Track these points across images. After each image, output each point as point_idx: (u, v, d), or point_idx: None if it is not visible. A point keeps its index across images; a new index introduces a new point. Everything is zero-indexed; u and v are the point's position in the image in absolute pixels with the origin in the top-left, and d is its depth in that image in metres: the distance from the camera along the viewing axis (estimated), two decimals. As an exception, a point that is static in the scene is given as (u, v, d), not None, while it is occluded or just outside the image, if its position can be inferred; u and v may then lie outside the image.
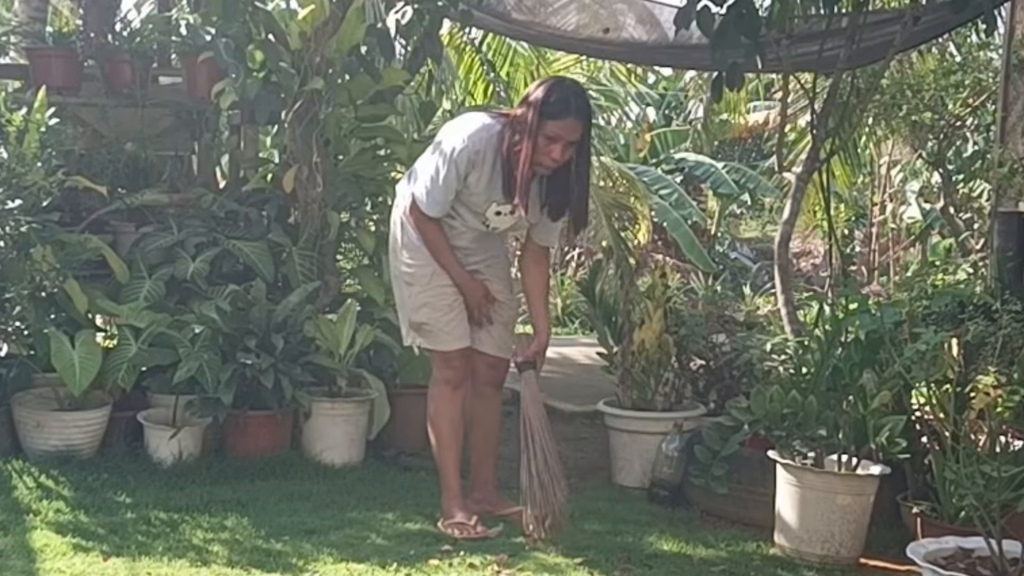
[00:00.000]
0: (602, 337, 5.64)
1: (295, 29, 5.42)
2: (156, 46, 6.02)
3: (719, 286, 11.78)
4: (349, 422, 5.27)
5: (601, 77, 13.24)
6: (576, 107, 4.10)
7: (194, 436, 5.05)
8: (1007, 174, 5.72)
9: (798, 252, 14.48)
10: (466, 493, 4.47)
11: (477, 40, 11.93)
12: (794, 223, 6.06)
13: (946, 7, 5.24)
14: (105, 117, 5.96)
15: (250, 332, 5.15)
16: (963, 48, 8.74)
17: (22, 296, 4.89)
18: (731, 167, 14.52)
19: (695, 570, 4.02)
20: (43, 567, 3.74)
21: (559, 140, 4.07)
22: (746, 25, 4.81)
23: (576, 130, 4.10)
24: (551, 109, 4.09)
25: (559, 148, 4.08)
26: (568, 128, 4.08)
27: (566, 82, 4.32)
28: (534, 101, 4.10)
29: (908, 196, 12.49)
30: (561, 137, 4.08)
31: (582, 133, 4.13)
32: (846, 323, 4.51)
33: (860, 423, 4.24)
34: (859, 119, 7.34)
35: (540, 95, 4.10)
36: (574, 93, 4.17)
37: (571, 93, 4.15)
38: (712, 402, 5.53)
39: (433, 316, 4.37)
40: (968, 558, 3.59)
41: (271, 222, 5.81)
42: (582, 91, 4.29)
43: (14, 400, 5.05)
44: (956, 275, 6.40)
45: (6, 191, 4.81)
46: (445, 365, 4.43)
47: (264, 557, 3.92)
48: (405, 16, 5.80)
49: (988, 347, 4.05)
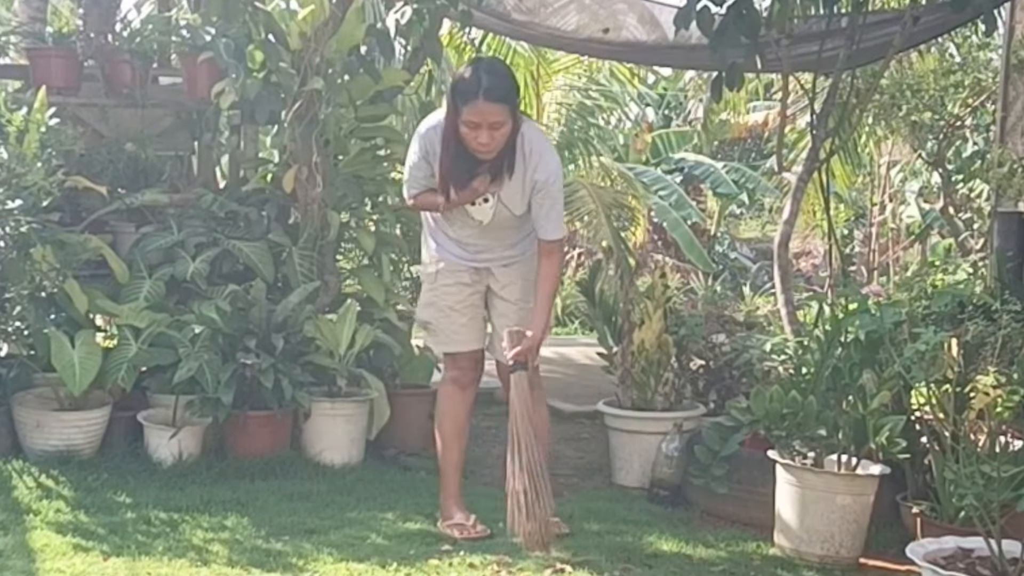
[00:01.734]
0: (602, 337, 5.65)
1: (295, 29, 5.42)
2: (156, 46, 6.01)
3: (719, 286, 11.79)
4: (349, 422, 5.27)
5: (601, 77, 13.23)
6: (487, 88, 3.89)
7: (194, 436, 5.05)
8: (1007, 174, 5.72)
9: (798, 252, 14.46)
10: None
11: (477, 40, 11.94)
12: (794, 223, 6.06)
13: (946, 7, 5.25)
14: (105, 117, 5.96)
15: (250, 332, 5.15)
16: (963, 48, 8.73)
17: (22, 296, 4.89)
18: (731, 167, 14.52)
19: (695, 570, 4.02)
20: (43, 567, 3.74)
21: (478, 125, 3.92)
22: (746, 25, 4.82)
23: (492, 112, 3.90)
24: (461, 94, 3.93)
25: (483, 133, 3.92)
26: (481, 112, 3.90)
27: (483, 62, 4.12)
28: (449, 87, 4.02)
29: (908, 196, 12.48)
30: (477, 122, 3.92)
31: (505, 114, 3.92)
32: (846, 323, 4.51)
33: (860, 423, 4.24)
34: (859, 119, 7.34)
35: (453, 80, 3.98)
36: (488, 72, 3.95)
37: (484, 73, 3.94)
38: (712, 402, 5.53)
39: (435, 316, 4.35)
40: (968, 558, 3.59)
41: (271, 222, 5.81)
42: (501, 69, 4.07)
43: (14, 400, 5.05)
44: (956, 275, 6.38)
45: (6, 191, 4.80)
46: (452, 365, 4.40)
47: (264, 557, 3.92)
48: (405, 16, 5.80)
49: (988, 347, 4.05)
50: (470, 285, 4.32)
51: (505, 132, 3.97)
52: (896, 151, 11.62)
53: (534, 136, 4.13)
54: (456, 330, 4.34)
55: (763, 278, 12.98)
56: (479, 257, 4.28)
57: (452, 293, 4.31)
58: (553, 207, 4.12)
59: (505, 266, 4.29)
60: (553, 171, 4.10)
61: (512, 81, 4.07)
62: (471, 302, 4.32)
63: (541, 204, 4.10)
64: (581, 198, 6.03)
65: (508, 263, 4.30)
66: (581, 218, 6.24)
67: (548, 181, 4.07)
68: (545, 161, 4.08)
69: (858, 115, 6.75)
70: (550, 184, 4.08)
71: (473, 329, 4.35)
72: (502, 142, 3.99)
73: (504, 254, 4.28)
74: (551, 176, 4.08)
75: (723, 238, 15.51)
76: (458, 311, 4.32)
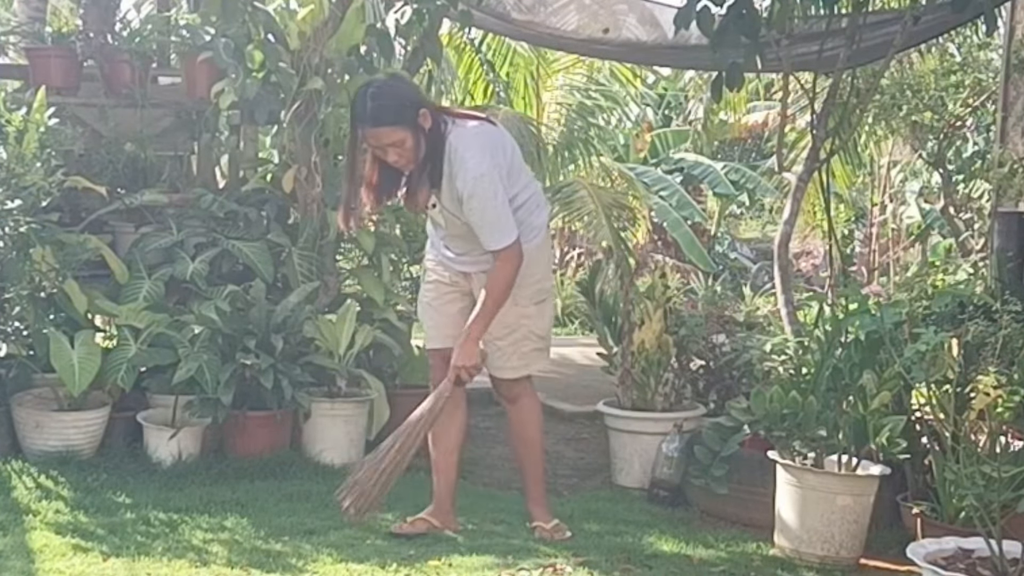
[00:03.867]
0: (602, 337, 5.64)
1: (294, 29, 5.42)
2: (156, 46, 6.02)
3: (719, 286, 11.78)
4: (349, 422, 5.26)
5: (601, 77, 13.23)
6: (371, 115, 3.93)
7: (193, 436, 5.05)
8: (1007, 174, 5.72)
9: (798, 252, 14.46)
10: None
11: (477, 40, 11.93)
12: (794, 223, 6.05)
13: (946, 7, 5.25)
14: (104, 117, 5.96)
15: (249, 332, 5.14)
16: (963, 48, 8.73)
17: (21, 296, 4.88)
18: (730, 167, 14.51)
19: (695, 570, 4.02)
20: (42, 567, 3.74)
21: (378, 147, 3.98)
22: (746, 25, 4.81)
23: (383, 135, 3.93)
24: (353, 120, 4.02)
25: (388, 152, 3.96)
26: (374, 136, 3.96)
27: (372, 85, 4.08)
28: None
29: (908, 196, 12.49)
30: (375, 145, 3.98)
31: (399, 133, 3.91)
32: (846, 323, 4.50)
33: (860, 423, 4.24)
34: (859, 119, 7.32)
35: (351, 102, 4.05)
36: (374, 97, 3.95)
37: (369, 99, 3.95)
38: (712, 402, 5.53)
39: (420, 312, 4.42)
40: (968, 558, 3.59)
41: (270, 222, 5.80)
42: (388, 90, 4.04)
43: (13, 400, 5.05)
44: (956, 275, 6.38)
45: (6, 191, 4.80)
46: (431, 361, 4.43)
47: (263, 557, 3.91)
48: (404, 16, 5.80)
49: (988, 347, 4.04)
50: (449, 285, 4.29)
51: (411, 146, 3.95)
52: (896, 151, 11.63)
53: (458, 143, 3.98)
54: (429, 326, 4.37)
55: (763, 278, 12.98)
56: (462, 260, 4.24)
57: (430, 290, 4.34)
58: (483, 215, 3.96)
59: (484, 272, 4.16)
60: (471, 178, 3.93)
61: (402, 99, 3.99)
62: (446, 300, 4.29)
63: (471, 214, 3.98)
64: (581, 198, 6.03)
65: (487, 270, 4.15)
66: (581, 218, 6.24)
67: (466, 190, 3.93)
68: (465, 168, 3.93)
69: (858, 115, 6.74)
70: (470, 193, 3.93)
71: (442, 327, 4.30)
72: (414, 154, 3.97)
73: (481, 257, 4.15)
74: (468, 184, 3.93)
75: (723, 238, 15.51)
76: (433, 308, 4.33)
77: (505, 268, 3.99)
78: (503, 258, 3.99)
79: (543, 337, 4.32)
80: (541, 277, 4.27)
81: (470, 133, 4.02)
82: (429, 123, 3.96)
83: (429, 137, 3.97)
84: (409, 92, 4.12)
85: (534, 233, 4.15)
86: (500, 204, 3.96)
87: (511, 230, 3.97)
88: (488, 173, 3.94)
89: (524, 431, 4.42)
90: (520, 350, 4.27)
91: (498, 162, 4.00)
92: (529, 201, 4.15)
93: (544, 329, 4.32)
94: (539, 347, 4.32)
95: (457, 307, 4.28)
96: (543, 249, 4.27)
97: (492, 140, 4.05)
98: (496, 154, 4.01)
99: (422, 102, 4.04)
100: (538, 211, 4.21)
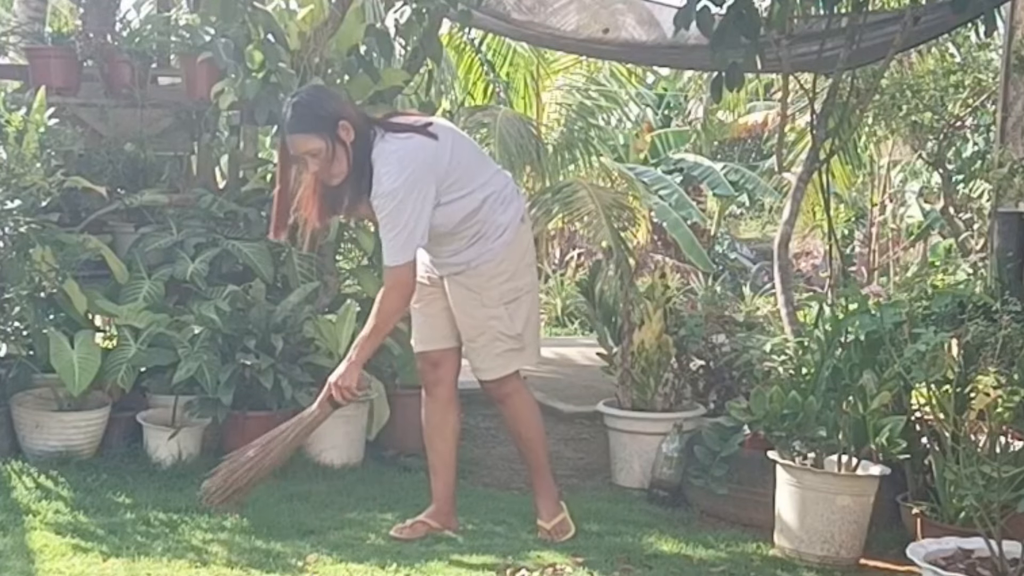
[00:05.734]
0: (602, 337, 5.64)
1: (294, 29, 5.42)
2: (155, 46, 6.01)
3: (719, 286, 11.79)
4: (349, 422, 5.26)
5: (601, 77, 13.24)
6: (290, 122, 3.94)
7: (193, 437, 5.05)
8: (1007, 174, 5.72)
9: (798, 252, 14.47)
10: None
11: (477, 40, 11.95)
12: (794, 223, 6.05)
13: (946, 7, 5.25)
14: (104, 117, 5.96)
15: (249, 333, 5.14)
16: (963, 48, 8.73)
17: (21, 296, 4.88)
18: (730, 168, 14.52)
19: (695, 571, 4.02)
20: (42, 567, 3.74)
21: (298, 156, 3.95)
22: (746, 25, 4.82)
23: (301, 143, 3.92)
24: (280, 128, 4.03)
25: (308, 162, 3.93)
26: (292, 143, 3.95)
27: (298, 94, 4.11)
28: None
29: (908, 196, 12.49)
30: (295, 154, 3.96)
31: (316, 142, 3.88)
32: (846, 324, 4.50)
33: (860, 424, 4.23)
34: (859, 119, 7.33)
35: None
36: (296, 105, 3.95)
37: (291, 107, 3.96)
38: (712, 402, 5.52)
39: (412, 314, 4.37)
40: (968, 559, 3.59)
41: (270, 222, 5.79)
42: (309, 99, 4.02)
43: (13, 401, 5.04)
44: (956, 275, 6.39)
45: (5, 191, 4.80)
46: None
47: (263, 558, 3.91)
48: (404, 16, 5.80)
49: (988, 347, 4.04)
50: (429, 286, 4.23)
51: (327, 157, 3.90)
52: (896, 151, 11.63)
53: (378, 158, 3.92)
54: (414, 329, 4.35)
55: (763, 278, 12.99)
56: (436, 263, 4.19)
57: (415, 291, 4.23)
58: (384, 230, 3.90)
59: (453, 275, 4.15)
60: (380, 193, 3.88)
61: (320, 109, 3.94)
62: (427, 301, 4.23)
63: (380, 226, 3.96)
64: (581, 198, 6.02)
65: (455, 272, 4.14)
66: (581, 218, 6.24)
67: (374, 201, 3.91)
68: (379, 183, 3.89)
69: (858, 115, 6.74)
70: (378, 207, 3.90)
71: (424, 329, 4.28)
72: (331, 165, 3.92)
73: (449, 260, 4.13)
74: (377, 198, 3.90)
75: (723, 238, 15.51)
76: (415, 310, 4.28)
77: (390, 294, 3.95)
78: (390, 280, 3.95)
79: (515, 337, 4.18)
80: (512, 275, 4.15)
81: (390, 148, 3.93)
82: (351, 135, 3.91)
83: (355, 149, 3.92)
84: (329, 103, 4.02)
85: (499, 231, 4.07)
86: (403, 223, 3.87)
87: (406, 253, 3.90)
88: (398, 190, 3.86)
89: (519, 428, 4.36)
90: (492, 352, 4.18)
91: (418, 177, 3.89)
92: (490, 198, 4.06)
93: (515, 329, 4.18)
94: (513, 347, 4.20)
95: (439, 306, 4.22)
96: (513, 246, 4.13)
97: (415, 155, 3.93)
98: (418, 169, 3.90)
99: (342, 114, 3.95)
100: (503, 208, 4.10)
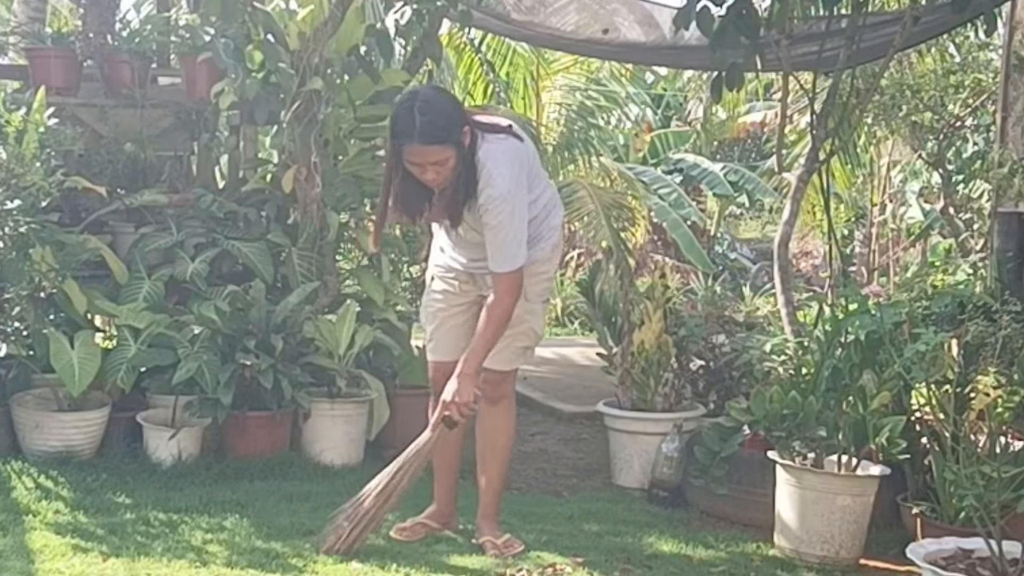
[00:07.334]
0: (602, 337, 5.64)
1: (294, 29, 5.42)
2: (155, 46, 6.02)
3: (719, 286, 11.77)
4: (349, 423, 5.26)
5: (601, 77, 13.24)
6: (420, 131, 3.71)
7: (193, 437, 5.05)
8: (1007, 174, 5.71)
9: (798, 252, 14.47)
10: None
11: (476, 40, 11.94)
12: (794, 224, 6.05)
13: (946, 7, 5.25)
14: (104, 117, 5.96)
15: (249, 333, 5.14)
16: (963, 48, 8.73)
17: (21, 296, 4.88)
18: (729, 168, 14.52)
19: (695, 571, 4.02)
20: (42, 567, 3.74)
21: (420, 165, 3.77)
22: (746, 25, 4.81)
23: (430, 154, 3.74)
24: (397, 135, 3.78)
25: (428, 171, 3.77)
26: (419, 153, 3.75)
27: (419, 97, 3.85)
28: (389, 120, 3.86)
29: (908, 196, 12.48)
30: (417, 163, 3.78)
31: (445, 151, 3.74)
32: (846, 324, 4.50)
33: (860, 424, 4.24)
34: (859, 119, 7.33)
35: (391, 115, 3.84)
36: (423, 112, 3.74)
37: (418, 112, 3.74)
38: (712, 402, 5.53)
39: (424, 321, 4.32)
40: (968, 559, 3.60)
41: (270, 222, 5.80)
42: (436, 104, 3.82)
43: (13, 401, 5.05)
44: (956, 275, 6.38)
45: (5, 191, 4.80)
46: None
47: (263, 558, 3.91)
48: (404, 16, 5.79)
49: (988, 347, 4.04)
50: (457, 295, 4.18)
51: (452, 164, 3.80)
52: (896, 151, 11.62)
53: (487, 160, 3.86)
54: (435, 336, 4.25)
55: (763, 278, 12.98)
56: (475, 264, 4.11)
57: (438, 299, 4.22)
58: (497, 235, 3.85)
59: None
60: (496, 196, 3.81)
61: (450, 115, 3.82)
62: (454, 312, 4.19)
63: (487, 231, 3.88)
64: (581, 198, 6.03)
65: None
66: (581, 218, 6.24)
67: (488, 205, 3.82)
68: (492, 186, 3.82)
69: (858, 115, 6.74)
70: (490, 207, 3.83)
71: (446, 343, 4.20)
72: (451, 173, 3.82)
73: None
74: (492, 202, 3.82)
75: (723, 238, 15.51)
76: (439, 318, 4.22)
77: (505, 298, 3.89)
78: (505, 285, 3.88)
79: (538, 336, 4.24)
80: (550, 276, 4.25)
81: (499, 150, 3.88)
82: (468, 140, 3.82)
83: (462, 156, 3.83)
84: (456, 109, 3.92)
85: (551, 233, 4.12)
86: (517, 228, 3.86)
87: (519, 257, 3.87)
88: (512, 194, 3.84)
89: (495, 438, 4.26)
90: (515, 344, 4.16)
91: (521, 181, 3.90)
92: (548, 203, 4.11)
93: (541, 328, 4.25)
94: (530, 345, 4.23)
95: (463, 318, 4.18)
96: (557, 249, 4.23)
97: (518, 156, 3.93)
98: (521, 172, 3.91)
99: (465, 119, 3.87)
100: (555, 211, 4.16)
